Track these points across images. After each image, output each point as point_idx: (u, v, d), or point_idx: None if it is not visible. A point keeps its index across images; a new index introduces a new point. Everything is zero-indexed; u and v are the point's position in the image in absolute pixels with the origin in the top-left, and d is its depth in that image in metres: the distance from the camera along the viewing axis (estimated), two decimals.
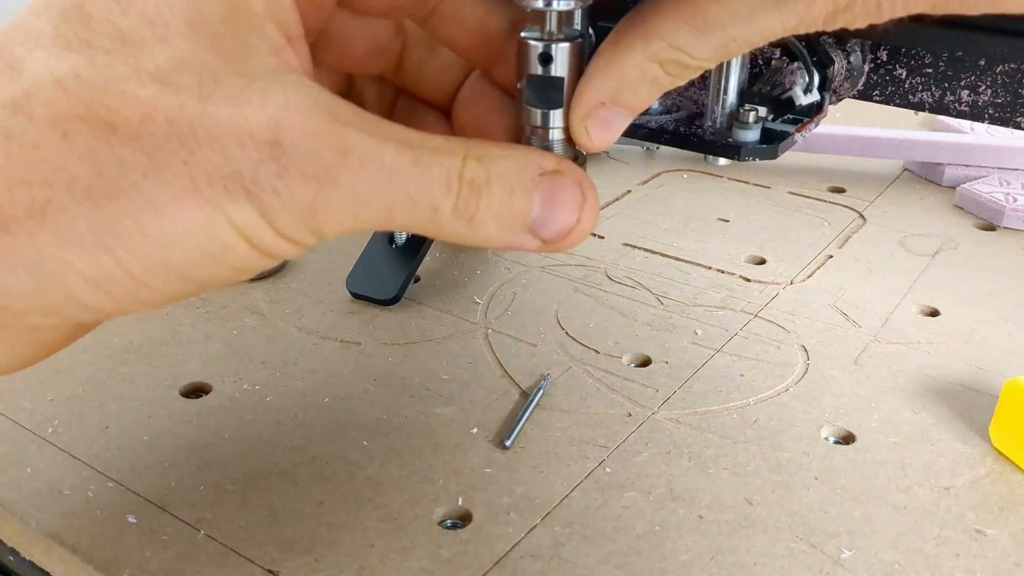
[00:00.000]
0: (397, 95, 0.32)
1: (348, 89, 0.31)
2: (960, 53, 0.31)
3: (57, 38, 0.22)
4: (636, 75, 0.26)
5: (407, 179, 0.24)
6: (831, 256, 0.48)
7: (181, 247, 0.22)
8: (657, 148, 0.61)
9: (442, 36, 0.29)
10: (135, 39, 0.23)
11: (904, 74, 0.33)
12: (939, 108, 0.33)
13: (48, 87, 0.21)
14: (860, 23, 0.23)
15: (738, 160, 0.30)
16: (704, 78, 0.33)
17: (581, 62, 0.29)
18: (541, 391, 0.36)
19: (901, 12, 0.23)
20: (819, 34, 0.31)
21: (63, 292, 0.22)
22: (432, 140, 0.24)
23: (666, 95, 0.32)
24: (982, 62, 0.31)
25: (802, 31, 0.24)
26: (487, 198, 0.25)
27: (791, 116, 0.31)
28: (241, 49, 0.24)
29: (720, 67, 0.30)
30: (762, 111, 0.30)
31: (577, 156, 0.30)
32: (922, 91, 0.32)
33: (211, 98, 0.23)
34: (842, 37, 0.32)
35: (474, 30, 0.28)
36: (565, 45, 0.28)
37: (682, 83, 0.26)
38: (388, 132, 0.24)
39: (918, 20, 0.24)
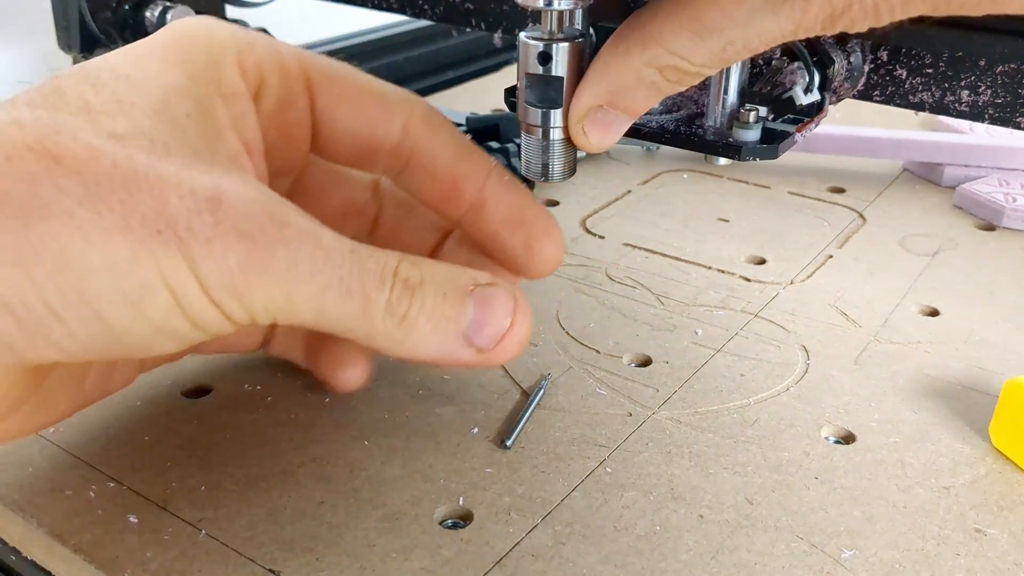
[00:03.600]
0: None
1: None
2: (960, 53, 0.31)
3: (29, 102, 0.23)
4: (633, 80, 0.26)
5: (342, 263, 0.24)
6: (831, 256, 0.48)
7: (99, 280, 0.21)
8: (657, 148, 0.61)
9: (416, 188, 0.30)
10: (99, 110, 0.23)
11: (904, 74, 0.33)
12: (939, 108, 0.33)
13: (5, 125, 0.22)
14: (859, 27, 0.23)
15: (738, 160, 0.30)
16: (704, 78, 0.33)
17: (581, 62, 0.29)
18: (541, 391, 0.36)
19: (900, 15, 0.23)
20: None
21: None
22: (366, 245, 0.25)
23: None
24: (982, 62, 0.31)
25: (801, 35, 0.24)
26: (420, 298, 0.25)
27: (791, 116, 0.31)
28: (199, 140, 0.25)
29: None
30: (762, 111, 0.30)
31: (575, 165, 0.31)
32: (922, 91, 0.33)
33: (160, 158, 0.23)
34: (843, 38, 0.32)
35: (446, 180, 0.29)
36: (565, 45, 0.28)
37: (682, 88, 0.26)
38: (325, 227, 0.24)
39: (919, 21, 0.24)
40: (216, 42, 0.27)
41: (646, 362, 0.39)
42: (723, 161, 0.30)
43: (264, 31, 0.57)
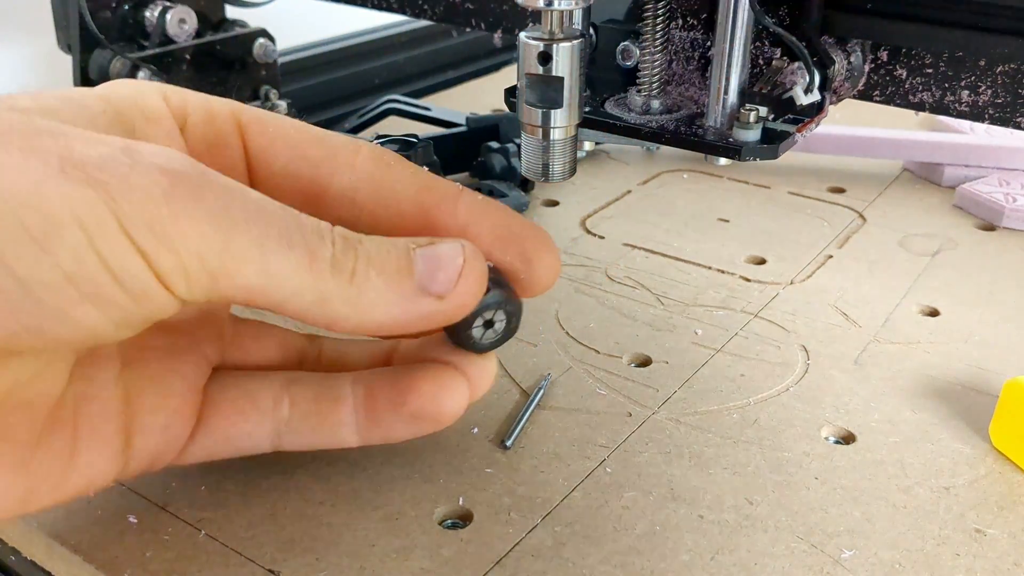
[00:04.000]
0: None
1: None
2: (960, 54, 0.31)
3: None
4: None
5: (276, 215, 0.22)
6: (831, 256, 0.48)
7: None
8: (657, 148, 0.61)
9: (387, 231, 0.27)
10: (4, 98, 0.22)
11: (904, 74, 0.33)
12: (939, 108, 0.33)
13: None
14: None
15: (739, 160, 0.30)
16: (705, 77, 0.33)
17: (581, 62, 0.29)
18: (541, 391, 0.36)
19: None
20: (820, 33, 0.31)
21: None
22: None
23: (667, 95, 0.33)
24: (982, 62, 0.31)
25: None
26: (364, 253, 0.23)
27: (792, 116, 0.31)
28: (113, 132, 0.23)
29: (721, 66, 0.30)
30: (763, 111, 0.30)
31: (575, 165, 0.31)
32: (922, 91, 0.33)
33: (63, 125, 0.21)
34: (842, 37, 0.32)
35: (417, 214, 0.27)
36: (565, 45, 0.28)
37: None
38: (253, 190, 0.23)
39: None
40: (142, 83, 0.26)
41: (646, 362, 0.39)
42: (723, 161, 0.31)
43: (264, 32, 0.57)
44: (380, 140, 0.49)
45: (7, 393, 0.23)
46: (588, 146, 0.34)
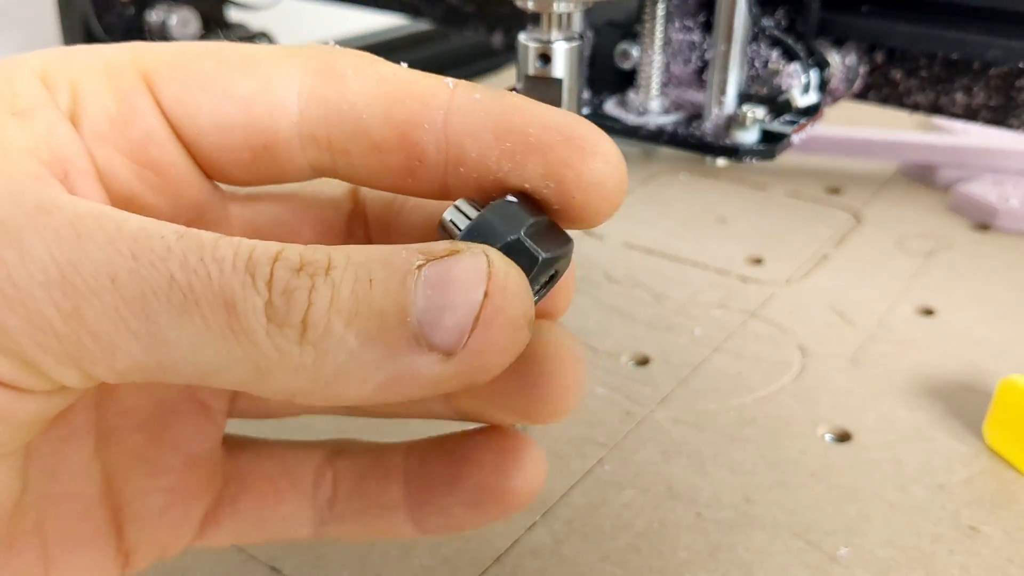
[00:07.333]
0: None
1: None
2: (955, 56, 0.31)
3: None
4: None
5: (168, 254, 0.15)
6: (827, 256, 0.48)
7: None
8: (655, 149, 0.61)
9: (366, 175, 0.19)
10: None
11: (900, 76, 0.33)
12: (934, 110, 0.33)
13: None
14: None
15: (736, 161, 0.30)
16: (703, 79, 0.33)
17: (580, 63, 0.29)
18: None
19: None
20: (817, 35, 0.32)
21: None
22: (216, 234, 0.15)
23: (665, 96, 0.33)
24: (976, 65, 0.31)
25: None
26: (327, 290, 0.15)
27: (788, 117, 0.31)
28: None
29: (719, 68, 0.31)
30: (760, 112, 0.30)
31: None
32: (917, 93, 0.33)
33: None
34: (839, 39, 0.32)
35: (392, 139, 0.19)
36: (564, 46, 0.28)
37: None
38: (140, 217, 0.16)
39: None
40: (15, 61, 0.19)
41: (644, 361, 0.39)
42: (721, 162, 0.31)
43: (264, 34, 0.57)
44: None
45: None
46: None
